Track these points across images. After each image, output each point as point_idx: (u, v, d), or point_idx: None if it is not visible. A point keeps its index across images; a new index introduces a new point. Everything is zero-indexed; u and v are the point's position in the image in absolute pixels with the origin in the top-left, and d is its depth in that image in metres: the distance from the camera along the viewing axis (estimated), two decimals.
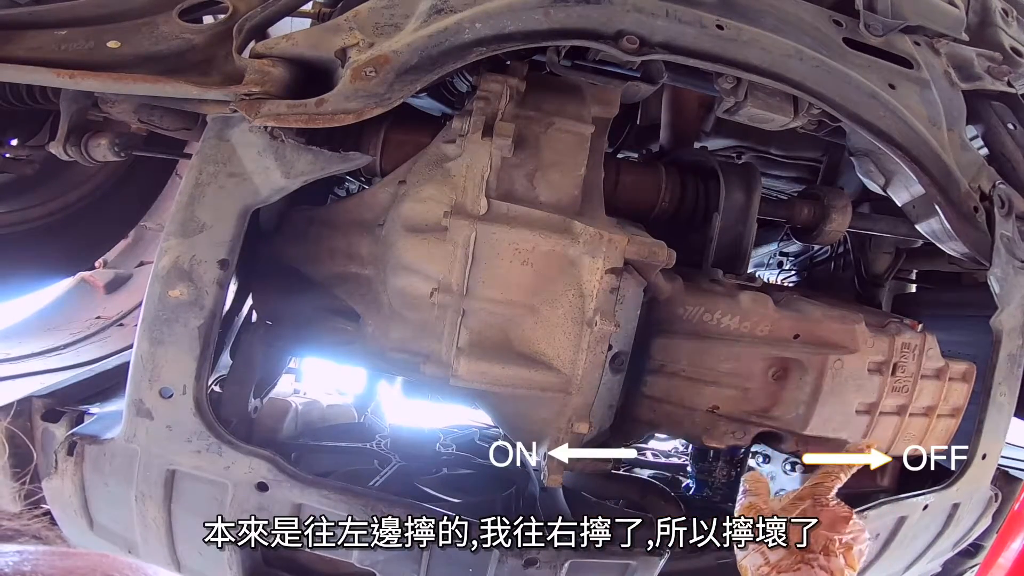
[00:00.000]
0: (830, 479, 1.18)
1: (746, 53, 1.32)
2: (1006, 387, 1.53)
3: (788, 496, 1.18)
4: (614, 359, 1.35)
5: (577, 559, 1.28)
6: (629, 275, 1.32)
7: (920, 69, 1.49)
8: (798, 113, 1.43)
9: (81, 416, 1.44)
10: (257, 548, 1.31)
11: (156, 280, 1.17)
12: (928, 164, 1.42)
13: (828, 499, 1.14)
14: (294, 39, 1.23)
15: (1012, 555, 1.82)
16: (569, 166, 1.37)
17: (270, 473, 1.23)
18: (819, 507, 1.12)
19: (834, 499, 1.15)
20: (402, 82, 1.18)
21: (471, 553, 1.25)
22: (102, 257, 2.56)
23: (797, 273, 2.66)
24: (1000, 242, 1.46)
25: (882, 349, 1.40)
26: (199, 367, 1.18)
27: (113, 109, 1.35)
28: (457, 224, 1.28)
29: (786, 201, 1.86)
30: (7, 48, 1.20)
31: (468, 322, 1.35)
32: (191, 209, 1.18)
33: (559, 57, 1.35)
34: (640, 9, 1.28)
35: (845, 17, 1.48)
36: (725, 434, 1.42)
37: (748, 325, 1.42)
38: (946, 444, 1.55)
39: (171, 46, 1.24)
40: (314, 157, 1.19)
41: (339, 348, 1.60)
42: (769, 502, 1.17)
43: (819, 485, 1.17)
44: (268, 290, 1.61)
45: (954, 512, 1.63)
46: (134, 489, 1.26)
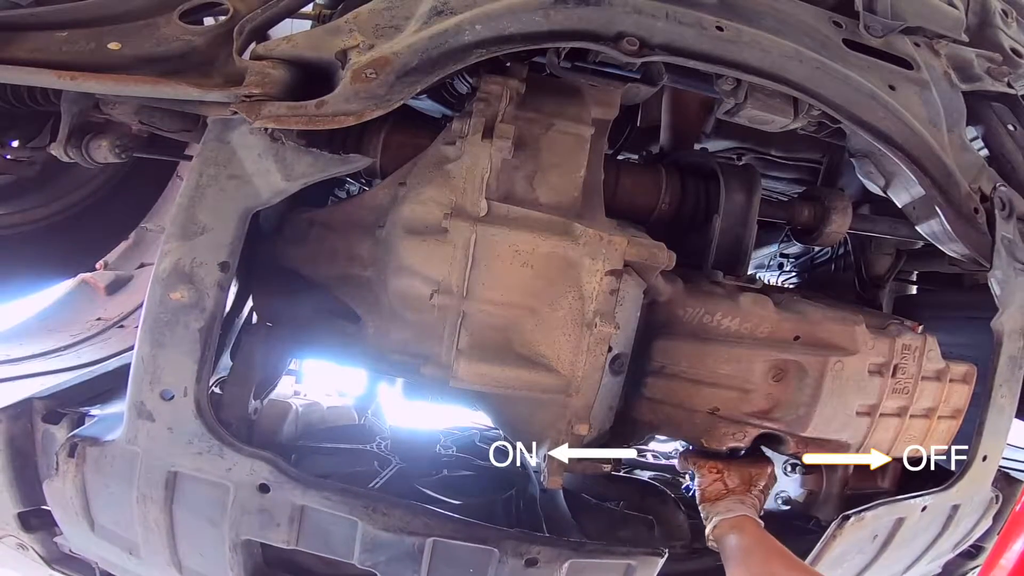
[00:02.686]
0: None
1: (746, 54, 1.32)
2: (1007, 389, 1.53)
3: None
4: (614, 361, 1.35)
5: (577, 559, 1.28)
6: (629, 277, 1.32)
7: (920, 70, 1.49)
8: (798, 114, 1.43)
9: (82, 418, 1.43)
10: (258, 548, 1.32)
11: (157, 282, 1.17)
12: (928, 165, 1.42)
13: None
14: (294, 41, 1.23)
15: (1013, 556, 1.82)
16: (569, 168, 1.37)
17: (271, 475, 1.23)
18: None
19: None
20: (402, 84, 1.18)
21: (471, 553, 1.25)
22: (103, 259, 2.56)
23: (797, 274, 2.66)
24: (1001, 244, 1.46)
25: (883, 351, 1.40)
26: (200, 369, 1.18)
27: (114, 111, 1.35)
28: (457, 226, 1.28)
29: (786, 202, 1.86)
30: (8, 49, 1.20)
31: (468, 324, 1.35)
32: (192, 211, 1.18)
33: (559, 59, 1.35)
34: (640, 11, 1.28)
35: (845, 18, 1.48)
36: (725, 436, 1.42)
37: (748, 327, 1.42)
38: (947, 446, 1.55)
39: (172, 48, 1.24)
40: (314, 159, 1.19)
41: (339, 350, 1.60)
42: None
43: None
44: (268, 292, 1.61)
45: (954, 513, 1.62)
46: (135, 491, 1.26)
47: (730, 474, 1.41)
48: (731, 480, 1.41)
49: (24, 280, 2.13)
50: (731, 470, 1.42)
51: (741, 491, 1.39)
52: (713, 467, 1.42)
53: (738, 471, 1.42)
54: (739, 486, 1.40)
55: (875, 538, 1.54)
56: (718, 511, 1.34)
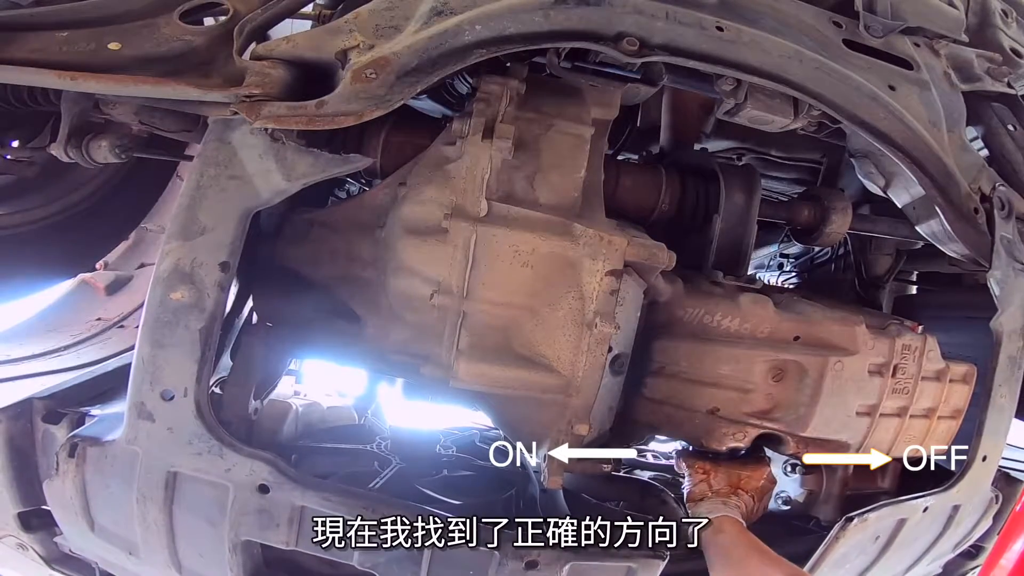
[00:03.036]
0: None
1: (746, 55, 1.32)
2: (1006, 389, 1.53)
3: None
4: (614, 361, 1.35)
5: (577, 561, 1.28)
6: (629, 277, 1.32)
7: (920, 70, 1.49)
8: (798, 115, 1.43)
9: (82, 418, 1.43)
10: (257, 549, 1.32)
11: (157, 282, 1.17)
12: (928, 165, 1.42)
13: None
14: (294, 41, 1.23)
15: (1013, 556, 1.82)
16: (569, 168, 1.37)
17: (271, 475, 1.22)
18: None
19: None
20: (402, 84, 1.18)
21: (472, 555, 1.25)
22: (103, 259, 2.56)
23: (797, 275, 2.66)
24: (1000, 244, 1.46)
25: (882, 351, 1.40)
26: (200, 369, 1.18)
27: (114, 111, 1.35)
28: (457, 226, 1.28)
29: (786, 203, 1.87)
30: (8, 50, 1.19)
31: (468, 324, 1.35)
32: (192, 211, 1.18)
33: (559, 59, 1.35)
34: (640, 11, 1.28)
35: (845, 18, 1.48)
36: (725, 436, 1.42)
37: (748, 327, 1.42)
38: (947, 446, 1.55)
39: (172, 48, 1.24)
40: (315, 159, 1.19)
41: (339, 350, 1.60)
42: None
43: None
44: (269, 292, 1.61)
45: (955, 514, 1.62)
46: (135, 491, 1.26)
47: (717, 476, 1.43)
48: (716, 482, 1.42)
49: (24, 280, 2.13)
50: (719, 472, 1.43)
51: (725, 493, 1.40)
52: (701, 468, 1.44)
53: (726, 473, 1.43)
54: (724, 488, 1.41)
55: (877, 539, 1.54)
56: (699, 512, 1.37)
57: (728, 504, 1.38)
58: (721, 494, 1.40)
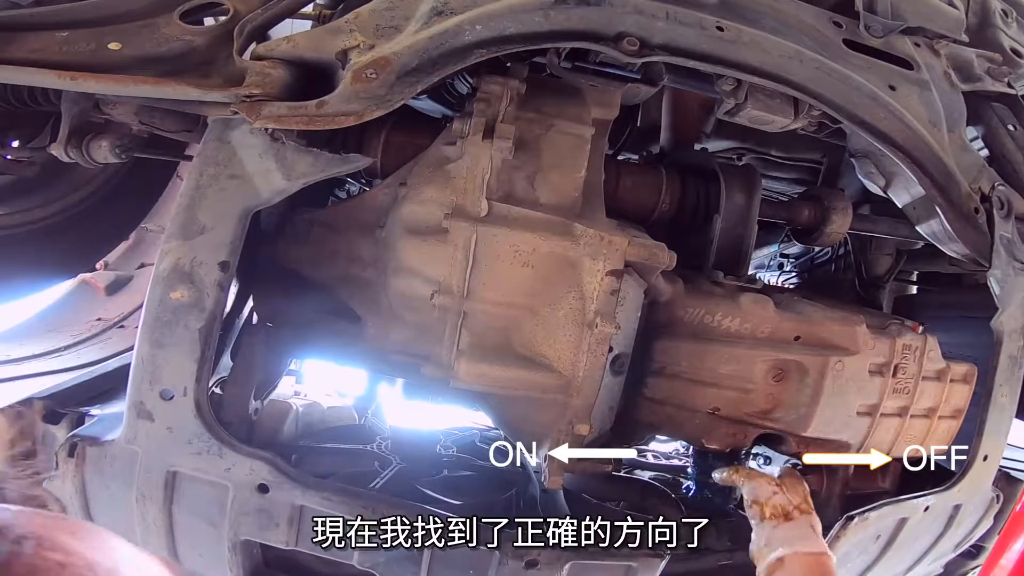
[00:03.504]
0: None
1: (746, 55, 1.32)
2: (1007, 388, 1.53)
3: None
4: (615, 361, 1.35)
5: (578, 561, 1.28)
6: (630, 277, 1.32)
7: (920, 70, 1.49)
8: (798, 115, 1.43)
9: (82, 418, 1.43)
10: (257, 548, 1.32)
11: (157, 282, 1.17)
12: (928, 165, 1.42)
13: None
14: (295, 41, 1.23)
15: (1014, 556, 1.82)
16: (569, 168, 1.37)
17: (271, 475, 1.23)
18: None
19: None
20: (403, 84, 1.18)
21: (472, 554, 1.25)
22: (103, 259, 2.56)
23: (798, 275, 2.66)
24: (1000, 243, 1.46)
25: (883, 351, 1.40)
26: (200, 369, 1.18)
27: (114, 111, 1.35)
28: (457, 226, 1.28)
29: (787, 203, 1.86)
30: (8, 49, 1.19)
31: (468, 324, 1.35)
32: (192, 211, 1.18)
33: (559, 59, 1.35)
34: (640, 11, 1.28)
35: (845, 18, 1.48)
36: (726, 436, 1.42)
37: (749, 327, 1.42)
38: (947, 446, 1.55)
39: (172, 48, 1.24)
40: (314, 159, 1.19)
41: (340, 350, 1.60)
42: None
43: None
44: (269, 292, 1.61)
45: (955, 513, 1.62)
46: (135, 491, 1.26)
47: (788, 488, 1.22)
48: (793, 495, 1.20)
49: (24, 280, 2.13)
50: (787, 484, 1.23)
51: (807, 509, 1.18)
52: (768, 479, 1.23)
53: (793, 484, 1.22)
54: (803, 503, 1.19)
55: (878, 538, 1.54)
56: (787, 539, 1.12)
57: (816, 528, 1.15)
58: (804, 510, 1.18)
